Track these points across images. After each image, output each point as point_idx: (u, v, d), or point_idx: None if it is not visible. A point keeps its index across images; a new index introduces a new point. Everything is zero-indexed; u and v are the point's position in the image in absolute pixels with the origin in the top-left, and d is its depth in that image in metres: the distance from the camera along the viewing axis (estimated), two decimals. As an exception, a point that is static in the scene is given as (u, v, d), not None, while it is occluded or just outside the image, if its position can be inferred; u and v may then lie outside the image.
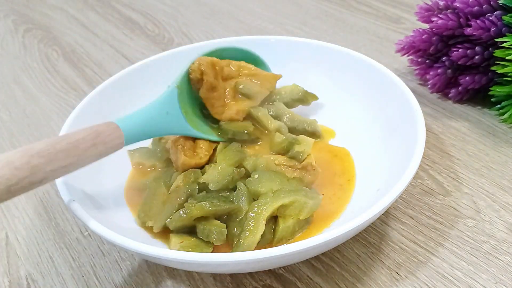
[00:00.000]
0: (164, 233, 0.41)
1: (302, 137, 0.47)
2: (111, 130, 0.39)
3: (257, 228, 0.39)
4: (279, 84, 0.56)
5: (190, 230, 0.41)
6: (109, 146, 0.38)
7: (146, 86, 0.56)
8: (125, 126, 0.40)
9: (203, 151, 0.46)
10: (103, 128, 0.38)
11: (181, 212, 0.40)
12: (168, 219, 0.40)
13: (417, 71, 0.62)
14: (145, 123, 0.43)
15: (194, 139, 0.48)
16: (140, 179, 0.48)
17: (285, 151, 0.46)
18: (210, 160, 0.46)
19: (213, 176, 0.43)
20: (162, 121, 0.45)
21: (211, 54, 0.50)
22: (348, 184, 0.46)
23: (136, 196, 0.46)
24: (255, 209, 0.40)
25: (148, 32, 0.83)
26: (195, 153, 0.46)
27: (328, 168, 0.47)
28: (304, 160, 0.45)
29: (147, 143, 0.52)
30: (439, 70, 0.58)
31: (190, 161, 0.45)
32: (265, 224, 0.39)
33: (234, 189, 0.43)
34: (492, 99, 0.55)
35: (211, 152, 0.47)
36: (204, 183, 0.43)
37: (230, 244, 0.40)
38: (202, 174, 0.44)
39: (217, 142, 0.48)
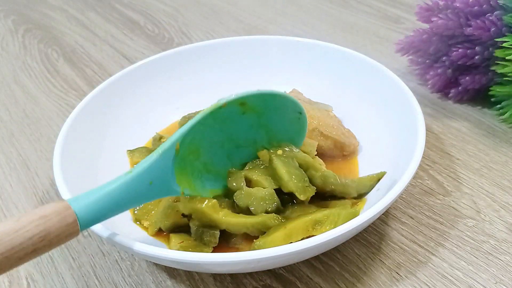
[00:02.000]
0: (164, 233, 0.41)
1: (305, 139, 0.47)
2: (64, 228, 0.30)
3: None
4: (280, 85, 0.56)
5: (188, 230, 0.41)
6: (55, 245, 0.30)
7: (146, 86, 0.56)
8: (87, 214, 0.32)
9: None
10: (53, 225, 0.29)
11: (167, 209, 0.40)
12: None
13: (417, 71, 0.62)
14: (117, 202, 0.34)
15: None
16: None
17: None
18: None
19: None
20: (142, 192, 0.35)
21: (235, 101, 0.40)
22: None
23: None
24: None
25: (148, 32, 0.83)
26: None
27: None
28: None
29: (146, 141, 0.52)
30: (439, 70, 0.58)
31: None
32: None
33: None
34: (492, 99, 0.55)
35: None
36: None
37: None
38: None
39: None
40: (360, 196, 0.43)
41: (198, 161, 0.41)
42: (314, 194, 0.41)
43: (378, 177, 0.43)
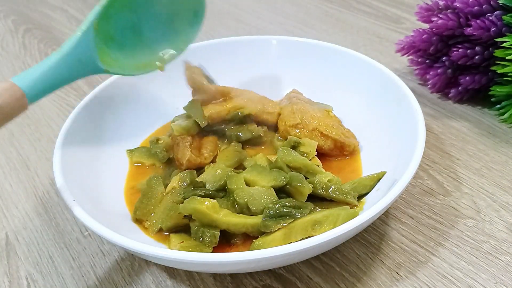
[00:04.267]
0: (164, 233, 0.41)
1: (305, 139, 0.47)
2: (14, 102, 0.35)
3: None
4: (280, 85, 0.56)
5: (188, 230, 0.41)
6: (6, 116, 0.35)
7: (146, 86, 0.56)
8: (30, 89, 0.37)
9: (208, 151, 0.46)
10: (2, 102, 0.34)
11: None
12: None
13: (417, 71, 0.62)
14: (51, 76, 0.39)
15: (201, 137, 0.48)
16: (140, 179, 0.48)
17: None
18: (212, 160, 0.47)
19: (211, 176, 0.43)
20: (72, 69, 0.41)
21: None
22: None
23: (135, 196, 0.46)
24: None
25: (148, 32, 0.83)
26: (200, 153, 0.46)
27: (338, 171, 0.47)
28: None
29: (146, 141, 0.52)
30: (439, 70, 0.58)
31: (196, 159, 0.45)
32: None
33: None
34: (492, 99, 0.55)
35: (216, 153, 0.47)
36: (202, 182, 0.43)
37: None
38: (201, 174, 0.44)
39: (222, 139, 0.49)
40: (360, 197, 0.43)
41: (115, 40, 0.45)
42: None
43: (378, 177, 0.43)
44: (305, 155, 0.45)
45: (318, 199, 0.42)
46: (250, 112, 0.49)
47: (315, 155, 0.46)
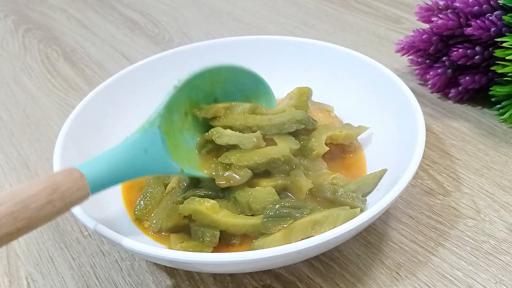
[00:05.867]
0: (164, 233, 0.41)
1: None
2: (72, 182, 0.32)
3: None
4: (281, 85, 0.56)
5: (188, 230, 0.41)
6: (69, 201, 0.31)
7: (146, 86, 0.56)
8: (92, 173, 0.33)
9: None
10: (62, 179, 0.31)
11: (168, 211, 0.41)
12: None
13: (417, 71, 0.62)
14: (118, 166, 0.35)
15: None
16: (140, 179, 0.47)
17: None
18: None
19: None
20: (140, 161, 0.37)
21: (202, 74, 0.46)
22: None
23: (135, 196, 0.46)
24: None
25: (148, 32, 0.83)
26: None
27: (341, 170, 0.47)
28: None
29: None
30: (439, 70, 0.58)
31: None
32: None
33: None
34: (492, 99, 0.55)
35: None
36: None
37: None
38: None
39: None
40: (364, 195, 0.43)
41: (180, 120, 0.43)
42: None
43: (380, 175, 0.43)
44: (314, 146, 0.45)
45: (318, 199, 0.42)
46: None
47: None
